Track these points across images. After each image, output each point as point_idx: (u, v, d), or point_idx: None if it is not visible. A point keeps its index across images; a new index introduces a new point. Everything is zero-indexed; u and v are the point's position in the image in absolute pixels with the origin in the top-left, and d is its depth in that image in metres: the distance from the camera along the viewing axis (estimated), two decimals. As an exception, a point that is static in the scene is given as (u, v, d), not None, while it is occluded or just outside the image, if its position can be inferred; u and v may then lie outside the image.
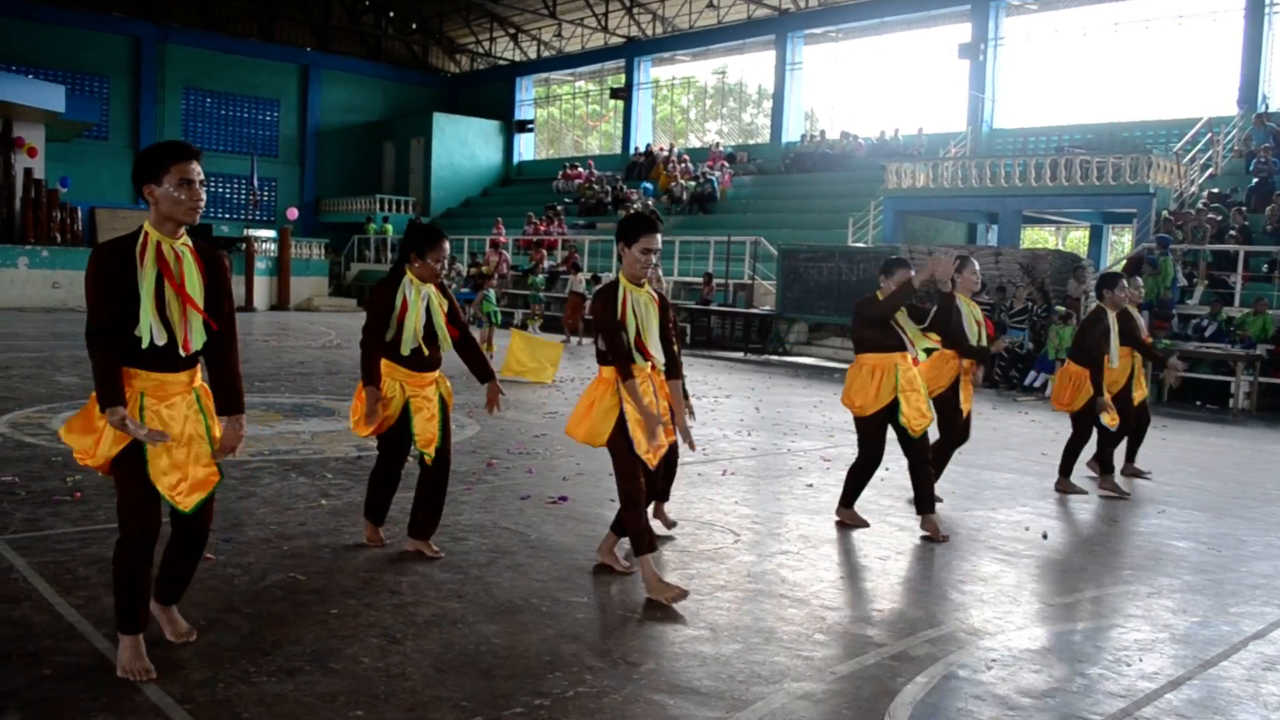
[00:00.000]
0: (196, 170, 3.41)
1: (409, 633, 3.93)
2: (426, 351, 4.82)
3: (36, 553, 4.67)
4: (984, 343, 6.77)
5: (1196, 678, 3.95)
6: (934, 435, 6.52)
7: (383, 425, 4.77)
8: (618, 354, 4.45)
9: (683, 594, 4.46)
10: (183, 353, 3.42)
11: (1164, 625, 4.57)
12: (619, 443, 4.49)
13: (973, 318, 6.77)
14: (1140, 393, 8.14)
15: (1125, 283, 7.62)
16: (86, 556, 4.62)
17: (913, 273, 5.89)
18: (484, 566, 4.84)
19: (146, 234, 3.38)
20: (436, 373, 4.91)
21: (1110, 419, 7.48)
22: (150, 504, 3.43)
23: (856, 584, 4.93)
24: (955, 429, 6.91)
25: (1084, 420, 7.55)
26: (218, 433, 3.55)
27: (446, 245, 4.85)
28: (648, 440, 4.45)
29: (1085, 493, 7.49)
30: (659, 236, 4.49)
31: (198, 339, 3.44)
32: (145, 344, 3.33)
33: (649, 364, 4.56)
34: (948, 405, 6.77)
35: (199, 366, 3.56)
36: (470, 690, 3.46)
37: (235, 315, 3.63)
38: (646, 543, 4.48)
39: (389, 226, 33.12)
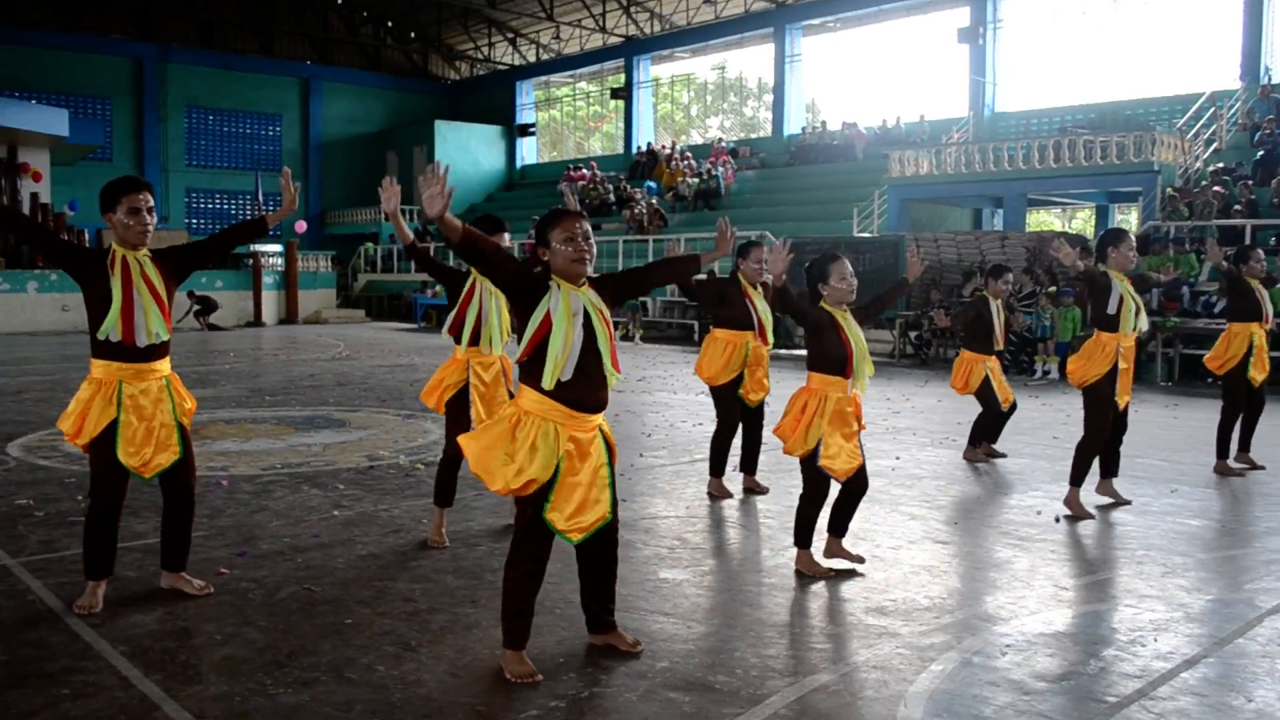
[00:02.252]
0: (145, 199, 4.12)
1: (423, 640, 3.95)
2: (588, 387, 3.53)
3: (52, 574, 4.70)
4: (1143, 327, 6.19)
5: (1212, 655, 3.94)
6: (1078, 432, 6.34)
7: (528, 486, 3.50)
8: None
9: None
10: (149, 341, 4.08)
11: (1179, 604, 4.55)
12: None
13: (1130, 296, 6.14)
14: (1259, 374, 7.49)
15: (1010, 275, 8.26)
16: (102, 576, 4.65)
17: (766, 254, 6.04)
18: (496, 571, 4.83)
19: (113, 250, 4.12)
20: (600, 416, 3.65)
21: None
22: (118, 478, 4.14)
23: (869, 574, 4.92)
24: (1106, 423, 6.19)
25: (983, 399, 8.01)
26: (188, 406, 4.30)
27: (584, 223, 3.55)
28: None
29: (1005, 455, 8.04)
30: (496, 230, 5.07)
31: (161, 330, 4.11)
32: (115, 338, 4.00)
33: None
34: (1101, 397, 6.15)
35: (168, 358, 4.25)
36: (486, 695, 3.48)
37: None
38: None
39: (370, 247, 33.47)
